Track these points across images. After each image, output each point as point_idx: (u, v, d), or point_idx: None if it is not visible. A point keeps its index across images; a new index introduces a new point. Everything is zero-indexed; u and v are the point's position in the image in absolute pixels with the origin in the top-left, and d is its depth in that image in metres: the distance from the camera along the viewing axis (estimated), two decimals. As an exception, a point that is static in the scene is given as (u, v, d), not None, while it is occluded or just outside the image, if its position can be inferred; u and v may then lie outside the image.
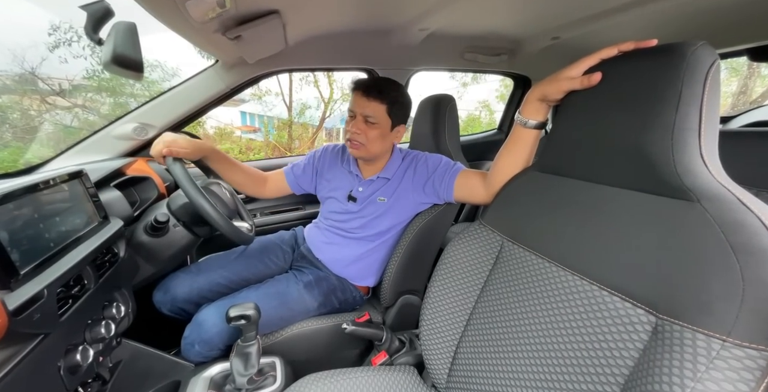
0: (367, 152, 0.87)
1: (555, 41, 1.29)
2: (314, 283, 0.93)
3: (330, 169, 1.02)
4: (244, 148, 7.61)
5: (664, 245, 0.39)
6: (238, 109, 10.56)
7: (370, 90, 0.82)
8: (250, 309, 0.67)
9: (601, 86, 0.48)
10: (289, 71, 1.23)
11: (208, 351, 0.78)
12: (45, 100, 6.28)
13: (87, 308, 0.59)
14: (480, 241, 0.66)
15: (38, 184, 0.53)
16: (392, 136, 0.89)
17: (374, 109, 0.82)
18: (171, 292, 0.87)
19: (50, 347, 0.49)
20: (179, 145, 0.77)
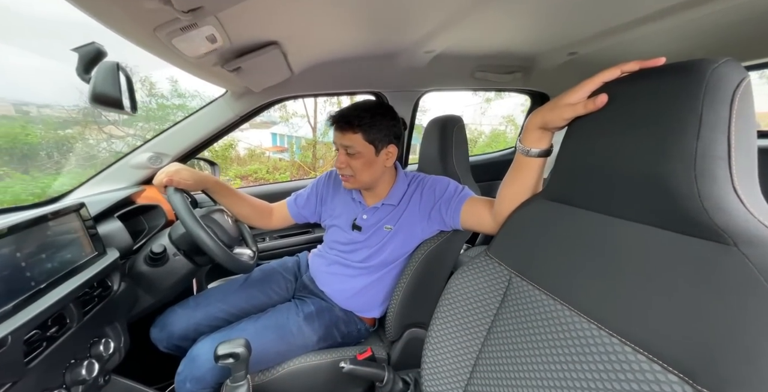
0: (358, 183, 0.84)
1: (572, 57, 1.20)
2: (315, 315, 0.86)
3: (333, 197, 0.98)
4: (271, 168, 7.89)
5: (696, 297, 0.32)
6: (269, 131, 11.14)
7: (340, 122, 0.79)
8: (239, 346, 0.61)
9: (611, 109, 0.42)
10: (297, 98, 1.22)
11: (201, 389, 0.72)
12: (102, 130, 6.92)
13: (67, 348, 0.55)
14: (486, 275, 0.59)
15: (24, 222, 0.51)
16: (381, 161, 0.82)
17: (350, 139, 0.78)
18: (167, 329, 0.83)
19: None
20: (181, 176, 0.78)
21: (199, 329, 0.85)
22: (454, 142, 1.03)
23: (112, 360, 0.67)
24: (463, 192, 0.80)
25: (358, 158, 0.80)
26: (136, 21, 0.45)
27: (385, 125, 0.80)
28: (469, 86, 1.41)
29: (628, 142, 0.39)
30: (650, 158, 0.36)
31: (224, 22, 0.55)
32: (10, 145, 5.28)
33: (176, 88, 7.05)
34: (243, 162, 7.92)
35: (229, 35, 0.62)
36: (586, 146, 0.46)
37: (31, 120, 6.56)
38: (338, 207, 0.95)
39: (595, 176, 0.44)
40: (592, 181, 0.45)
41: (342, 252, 0.91)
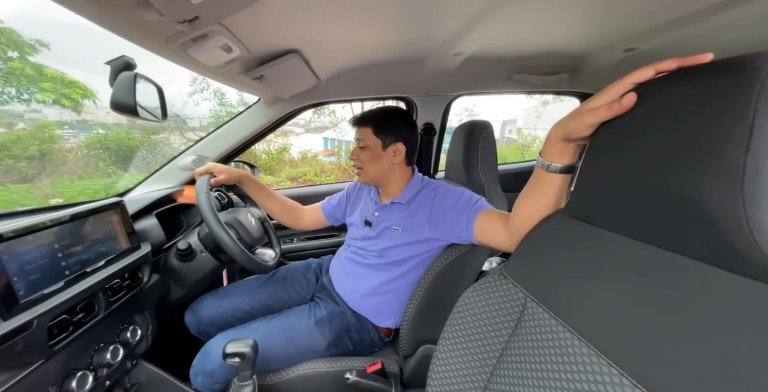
0: (366, 175, 0.87)
1: (630, 54, 1.02)
2: (327, 319, 0.84)
3: (357, 199, 1.02)
4: (318, 170, 8.26)
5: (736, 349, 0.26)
6: (322, 135, 11.74)
7: (357, 119, 0.86)
8: (246, 346, 0.61)
9: (640, 116, 0.34)
10: (325, 104, 1.23)
11: (211, 383, 0.74)
12: (183, 135, 7.93)
13: (95, 333, 0.60)
14: (500, 296, 0.52)
15: (64, 217, 0.57)
16: (387, 156, 0.85)
17: (362, 132, 0.84)
18: (197, 314, 0.88)
19: (44, 374, 0.50)
20: (217, 169, 0.91)
21: (224, 318, 0.88)
22: (480, 148, 0.94)
23: (139, 346, 0.71)
24: (477, 203, 0.72)
25: (366, 150, 0.84)
26: (148, 34, 0.47)
27: (395, 124, 0.84)
28: (505, 89, 1.29)
29: (659, 155, 0.31)
30: (686, 175, 0.29)
31: (236, 31, 0.55)
32: (118, 147, 6.32)
33: (242, 97, 7.81)
34: (295, 164, 8.41)
35: (246, 44, 0.62)
36: (610, 159, 0.37)
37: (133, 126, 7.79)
38: (358, 207, 0.99)
39: (620, 193, 0.36)
40: (617, 198, 0.37)
41: (356, 247, 0.92)
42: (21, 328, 0.45)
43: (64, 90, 5.58)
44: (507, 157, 7.79)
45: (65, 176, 5.46)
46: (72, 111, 6.21)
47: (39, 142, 5.22)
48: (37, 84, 5.31)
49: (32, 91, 5.43)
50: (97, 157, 6.15)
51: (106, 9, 0.39)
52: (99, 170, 6.01)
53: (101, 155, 6.18)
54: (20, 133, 5.38)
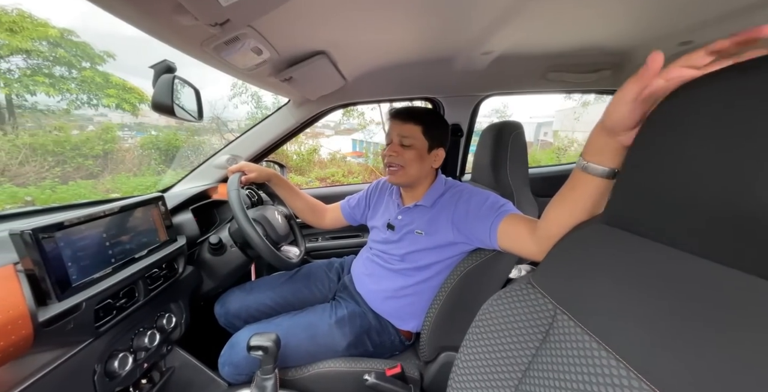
0: (405, 175, 0.81)
1: (685, 48, 0.91)
2: (347, 320, 0.83)
3: (378, 201, 1.00)
4: (346, 171, 8.41)
5: None
6: (350, 137, 11.96)
7: (404, 114, 0.80)
8: (269, 340, 0.63)
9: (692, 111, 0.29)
10: (353, 105, 1.24)
11: (237, 374, 0.77)
12: (223, 136, 8.46)
13: (135, 318, 0.64)
14: (528, 306, 0.49)
15: (112, 209, 0.62)
16: (430, 160, 0.82)
17: (410, 129, 0.79)
18: (225, 306, 0.92)
19: (90, 352, 0.54)
20: (249, 168, 0.95)
21: (249, 311, 0.91)
22: (510, 150, 0.89)
23: (174, 333, 0.75)
24: (503, 208, 0.68)
25: (411, 149, 0.79)
26: (184, 38, 0.49)
27: (442, 127, 0.82)
28: (539, 89, 1.21)
29: (716, 158, 0.27)
30: (747, 182, 0.25)
31: (265, 34, 0.57)
32: (167, 147, 6.89)
33: (277, 100, 8.18)
34: (324, 165, 8.63)
35: (275, 47, 0.64)
36: (657, 160, 0.33)
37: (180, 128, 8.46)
38: (380, 210, 0.97)
39: (667, 199, 0.32)
40: (664, 205, 0.33)
41: (378, 250, 0.90)
42: (72, 309, 0.49)
43: (125, 95, 6.21)
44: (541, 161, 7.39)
45: (123, 173, 6.04)
46: (131, 114, 6.88)
47: (103, 143, 5.84)
48: (104, 90, 5.96)
49: (99, 96, 6.10)
50: (149, 156, 6.75)
51: (147, 15, 0.41)
52: (150, 168, 6.59)
53: (153, 154, 6.77)
54: (89, 134, 6.05)
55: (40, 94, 5.47)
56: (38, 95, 5.56)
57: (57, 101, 5.89)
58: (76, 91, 5.85)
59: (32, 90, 5.37)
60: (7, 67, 5.27)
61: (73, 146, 5.39)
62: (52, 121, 5.91)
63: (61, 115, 6.16)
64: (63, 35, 5.46)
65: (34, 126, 5.86)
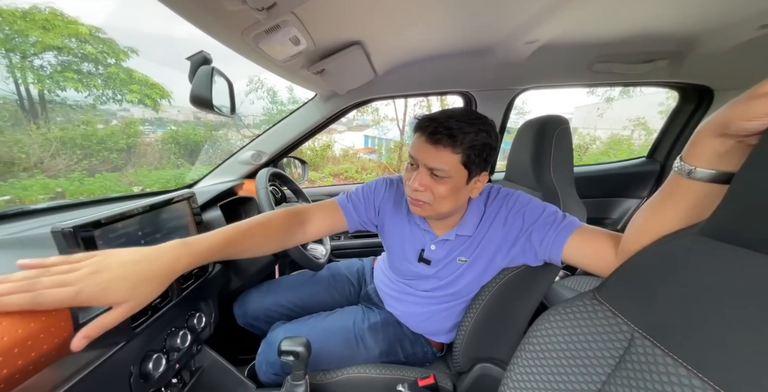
0: (433, 212, 0.64)
1: (765, 31, 0.80)
2: (380, 327, 0.80)
3: (394, 214, 0.77)
4: (360, 168, 8.42)
5: None
6: (363, 133, 11.96)
7: (439, 135, 0.56)
8: (300, 345, 0.60)
9: None
10: (380, 99, 1.19)
11: (273, 374, 0.75)
12: (239, 132, 8.61)
13: (168, 318, 0.63)
14: (594, 325, 0.44)
15: (147, 206, 0.60)
16: (468, 190, 0.64)
17: (444, 160, 0.57)
18: (243, 307, 0.91)
19: (126, 354, 0.53)
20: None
21: (267, 313, 0.90)
22: (554, 147, 0.82)
23: (203, 333, 0.74)
24: (565, 220, 0.60)
25: (444, 183, 0.59)
26: (225, 25, 0.46)
27: (488, 146, 0.59)
28: (582, 81, 1.13)
29: None
30: None
31: (306, 22, 0.53)
32: (185, 142, 7.07)
33: (292, 95, 8.23)
34: (337, 161, 8.66)
35: (312, 36, 0.60)
36: None
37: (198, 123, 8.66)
38: (398, 231, 0.77)
39: None
40: None
41: (408, 279, 0.80)
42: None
43: (147, 91, 6.39)
44: (559, 159, 7.11)
45: (145, 167, 6.24)
46: (152, 109, 7.09)
47: (126, 137, 6.04)
48: (127, 86, 6.15)
49: (123, 92, 6.29)
50: (169, 150, 6.95)
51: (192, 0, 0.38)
52: (170, 162, 6.79)
53: (172, 149, 6.97)
54: (113, 128, 6.27)
55: (69, 89, 5.69)
56: (68, 91, 5.79)
57: (84, 96, 6.12)
58: (102, 86, 6.06)
59: (62, 86, 5.59)
60: (40, 63, 5.50)
61: (99, 140, 5.60)
62: (80, 116, 6.15)
63: (88, 110, 6.40)
64: (91, 32, 5.64)
65: (63, 120, 6.11)
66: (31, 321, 0.34)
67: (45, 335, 0.35)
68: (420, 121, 0.59)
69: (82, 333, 0.36)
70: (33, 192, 4.24)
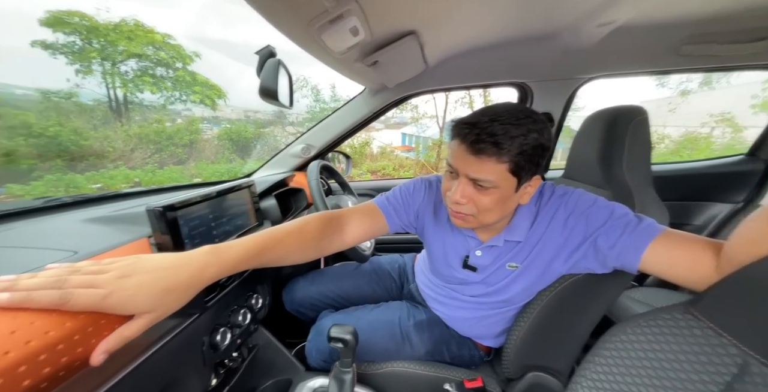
0: (478, 224, 0.59)
1: None
2: (426, 326, 0.78)
3: (433, 220, 0.72)
4: (397, 165, 8.43)
5: None
6: (400, 131, 11.95)
7: (482, 145, 0.49)
8: (348, 333, 0.61)
9: None
10: (429, 92, 1.17)
11: (322, 360, 0.78)
12: (284, 129, 9.10)
13: (233, 296, 0.68)
14: (687, 343, 0.38)
15: (218, 191, 0.65)
16: (517, 197, 0.57)
17: (488, 170, 0.50)
18: (291, 294, 0.95)
19: (199, 325, 0.58)
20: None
21: (312, 302, 0.93)
22: (629, 142, 0.73)
23: (260, 313, 0.79)
24: (643, 223, 0.52)
25: (490, 194, 0.53)
26: (293, 16, 0.48)
27: (538, 148, 0.51)
28: (664, 68, 0.98)
29: None
30: None
31: (367, 11, 0.53)
32: (237, 138, 7.68)
33: (334, 93, 8.51)
34: (375, 158, 8.77)
35: (371, 26, 0.60)
36: None
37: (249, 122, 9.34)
38: (439, 235, 0.72)
39: None
40: None
41: (452, 283, 0.76)
42: None
43: (207, 92, 7.06)
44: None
45: (203, 161, 6.90)
46: (211, 109, 7.80)
47: (189, 133, 6.73)
48: (191, 87, 6.85)
49: (188, 93, 7.02)
50: (223, 146, 7.60)
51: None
52: (224, 157, 7.42)
53: (226, 145, 7.61)
54: (179, 126, 7.01)
55: (146, 92, 6.48)
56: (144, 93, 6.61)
57: (157, 98, 6.93)
58: (171, 88, 6.81)
59: (141, 88, 6.39)
60: (125, 69, 6.35)
61: (167, 136, 6.30)
62: (153, 115, 6.98)
63: (160, 110, 7.25)
64: (164, 39, 6.36)
65: (140, 119, 6.99)
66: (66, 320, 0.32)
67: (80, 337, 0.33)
68: (458, 127, 0.52)
69: (101, 347, 0.33)
70: (117, 180, 4.91)
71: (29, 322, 0.30)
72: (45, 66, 5.69)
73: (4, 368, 0.26)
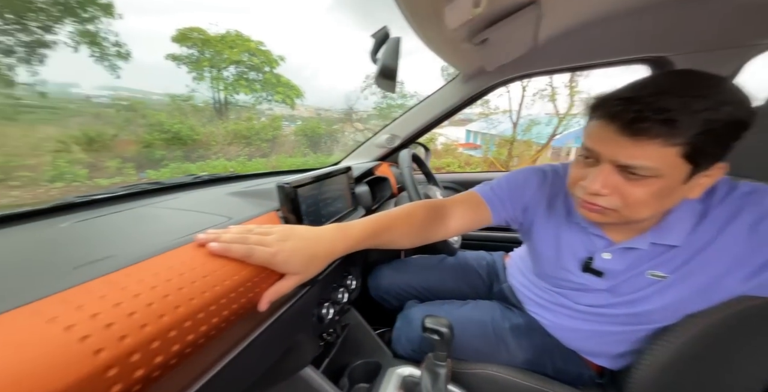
0: (620, 219, 0.48)
1: None
2: (524, 331, 0.70)
3: (546, 216, 0.64)
4: (463, 163, 8.10)
5: None
6: (464, 128, 11.45)
7: (647, 123, 0.39)
8: (444, 326, 0.59)
9: None
10: (531, 76, 1.04)
11: (411, 349, 0.77)
12: (352, 125, 9.53)
13: (334, 274, 0.71)
14: None
15: (326, 173, 0.69)
16: (685, 190, 0.45)
17: (649, 155, 0.40)
18: (376, 280, 0.96)
19: (310, 297, 0.62)
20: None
21: (397, 290, 0.92)
22: None
23: (352, 294, 0.82)
24: None
25: (646, 184, 0.43)
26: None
27: (733, 125, 0.39)
28: None
29: None
30: None
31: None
32: (311, 134, 8.34)
33: (402, 89, 8.56)
34: (439, 155, 8.58)
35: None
36: None
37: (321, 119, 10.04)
38: (551, 233, 0.63)
39: None
40: None
41: (563, 288, 0.65)
42: None
43: (288, 92, 7.84)
44: None
45: (282, 155, 7.68)
46: (290, 107, 8.61)
47: (272, 130, 7.55)
48: (275, 88, 7.69)
49: (272, 93, 7.89)
50: (299, 142, 8.34)
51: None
52: (299, 152, 8.14)
53: (301, 140, 8.33)
54: (264, 123, 7.93)
55: (240, 93, 7.49)
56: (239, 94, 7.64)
57: (248, 98, 7.94)
58: (260, 90, 7.73)
59: (237, 91, 7.41)
60: (226, 74, 7.44)
61: (256, 132, 7.17)
62: (245, 114, 8.02)
63: (250, 109, 8.30)
64: (257, 46, 7.24)
65: (234, 117, 8.10)
66: (234, 273, 0.37)
67: (255, 282, 0.39)
68: (606, 104, 0.43)
69: (266, 298, 0.40)
70: (218, 170, 5.82)
71: (215, 269, 0.36)
72: (172, 75, 7.11)
73: (217, 295, 0.33)
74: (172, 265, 0.34)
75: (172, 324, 0.29)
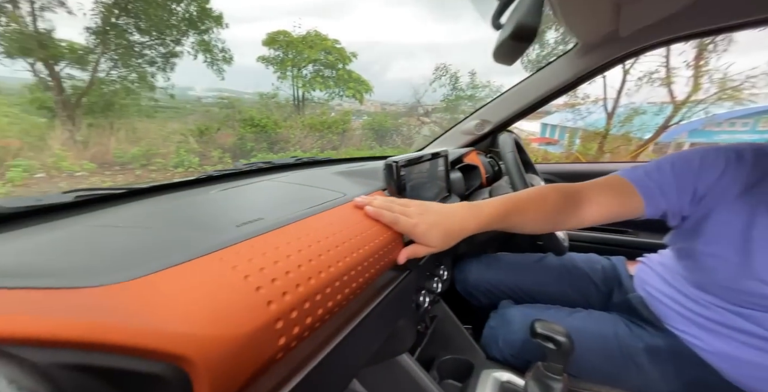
0: None
1: None
2: (666, 356, 0.57)
3: (736, 206, 0.50)
4: (540, 158, 7.34)
5: None
6: (540, 122, 10.30)
7: None
8: (560, 334, 0.50)
9: None
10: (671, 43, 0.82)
11: (509, 352, 0.70)
12: (418, 119, 9.43)
13: (426, 265, 0.68)
14: None
15: (425, 155, 0.66)
16: None
17: None
18: (463, 274, 0.90)
19: (409, 283, 0.60)
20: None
21: (487, 287, 0.85)
22: None
23: (443, 285, 0.78)
24: None
25: None
26: None
27: None
28: None
29: None
30: None
31: None
32: (377, 127, 8.52)
33: (473, 80, 8.11)
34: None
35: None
36: None
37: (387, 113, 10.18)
38: (739, 229, 0.49)
39: None
40: None
41: (747, 307, 0.50)
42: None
43: (359, 87, 8.12)
44: None
45: (351, 147, 8.04)
46: (358, 102, 8.92)
47: (342, 123, 7.94)
48: (347, 84, 8.05)
49: (343, 89, 8.27)
50: (365, 135, 8.60)
51: None
52: (365, 145, 8.40)
53: (368, 134, 8.57)
54: (335, 117, 8.38)
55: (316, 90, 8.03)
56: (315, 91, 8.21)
57: (322, 94, 8.47)
58: (333, 86, 8.18)
59: (314, 88, 7.97)
60: (305, 72, 8.06)
61: (328, 126, 7.63)
62: (318, 109, 8.60)
63: (323, 104, 8.86)
64: (333, 44, 7.64)
65: (309, 112, 8.74)
66: (375, 237, 0.41)
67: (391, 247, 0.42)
68: None
69: (404, 253, 0.45)
70: (295, 160, 6.42)
71: (363, 230, 0.40)
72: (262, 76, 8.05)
73: (355, 261, 0.35)
74: (317, 227, 0.36)
75: (317, 288, 0.29)
